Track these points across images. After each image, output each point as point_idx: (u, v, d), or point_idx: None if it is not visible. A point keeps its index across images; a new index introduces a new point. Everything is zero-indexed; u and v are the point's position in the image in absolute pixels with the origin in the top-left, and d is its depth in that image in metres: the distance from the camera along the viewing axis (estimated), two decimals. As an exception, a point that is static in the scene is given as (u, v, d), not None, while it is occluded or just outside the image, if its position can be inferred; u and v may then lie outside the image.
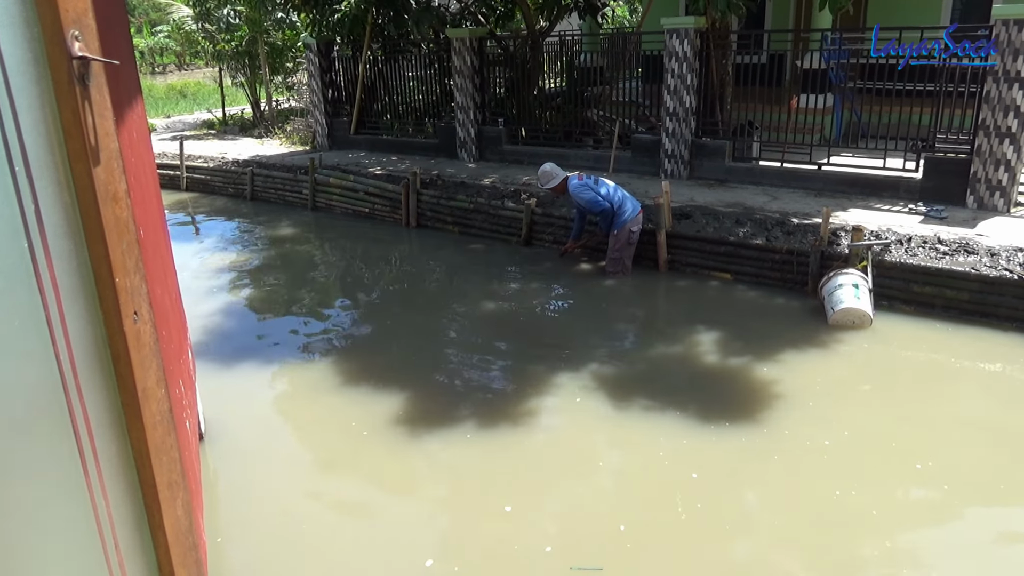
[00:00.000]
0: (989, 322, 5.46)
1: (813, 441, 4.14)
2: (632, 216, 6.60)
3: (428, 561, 3.30)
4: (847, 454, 4.02)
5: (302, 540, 3.47)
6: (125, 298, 1.74)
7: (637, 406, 4.58)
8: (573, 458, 4.13)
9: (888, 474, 3.84)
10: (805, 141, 8.17)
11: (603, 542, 3.37)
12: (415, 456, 4.18)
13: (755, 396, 4.62)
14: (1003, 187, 6.91)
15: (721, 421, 4.34)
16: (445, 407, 4.66)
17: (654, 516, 3.58)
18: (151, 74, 32.58)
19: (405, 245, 8.60)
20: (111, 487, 1.77)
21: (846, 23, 10.59)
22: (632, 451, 4.23)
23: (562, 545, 3.40)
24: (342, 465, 4.18)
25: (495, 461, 4.13)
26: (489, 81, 10.85)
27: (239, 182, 11.39)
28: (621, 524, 3.48)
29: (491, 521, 3.60)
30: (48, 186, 1.58)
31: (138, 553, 1.88)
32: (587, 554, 3.29)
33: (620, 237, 6.61)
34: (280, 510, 3.73)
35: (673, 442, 4.20)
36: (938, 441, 4.17)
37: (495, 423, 4.43)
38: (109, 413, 1.76)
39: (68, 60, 1.55)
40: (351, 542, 3.51)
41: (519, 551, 3.37)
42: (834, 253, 6.13)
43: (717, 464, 3.97)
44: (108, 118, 1.74)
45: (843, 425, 4.30)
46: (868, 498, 3.64)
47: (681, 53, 8.51)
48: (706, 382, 4.90)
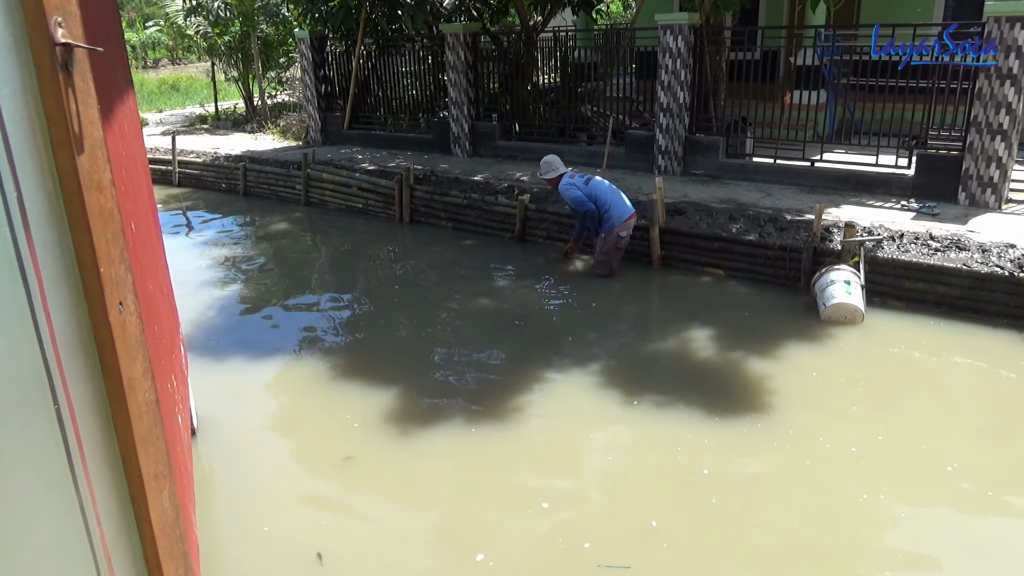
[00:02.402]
0: (980, 318, 5.48)
1: (806, 435, 4.15)
2: (619, 222, 6.50)
3: (421, 560, 3.29)
4: (839, 449, 4.03)
5: (295, 535, 3.46)
6: (110, 288, 1.72)
7: (633, 401, 4.58)
8: (575, 455, 4.14)
9: (880, 469, 3.85)
10: (798, 137, 8.19)
11: (631, 539, 3.37)
12: (409, 452, 4.17)
13: (749, 391, 4.63)
14: (995, 184, 6.94)
15: (716, 416, 4.35)
16: (439, 402, 4.66)
17: (673, 512, 3.58)
18: (143, 68, 32.42)
19: (398, 241, 8.58)
20: (96, 478, 1.76)
21: (839, 20, 10.60)
22: (634, 447, 4.23)
23: (577, 540, 3.40)
24: (335, 460, 4.17)
25: (487, 455, 4.13)
26: (483, 76, 10.83)
27: (232, 177, 11.34)
28: (653, 520, 3.48)
29: (490, 520, 3.60)
30: (31, 174, 1.56)
31: (124, 544, 1.86)
32: (617, 551, 3.29)
33: (608, 240, 6.57)
34: (273, 505, 3.72)
35: (672, 436, 4.21)
36: (928, 435, 4.19)
37: (489, 418, 4.43)
38: (94, 403, 1.75)
39: (51, 46, 1.53)
40: (345, 537, 3.50)
41: (518, 549, 3.37)
42: (826, 249, 6.15)
43: (719, 458, 3.97)
44: (92, 106, 1.72)
45: (835, 419, 4.31)
46: (865, 493, 3.65)
47: (675, 49, 8.51)
48: (700, 377, 4.90)
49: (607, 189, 6.65)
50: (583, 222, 6.95)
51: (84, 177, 1.63)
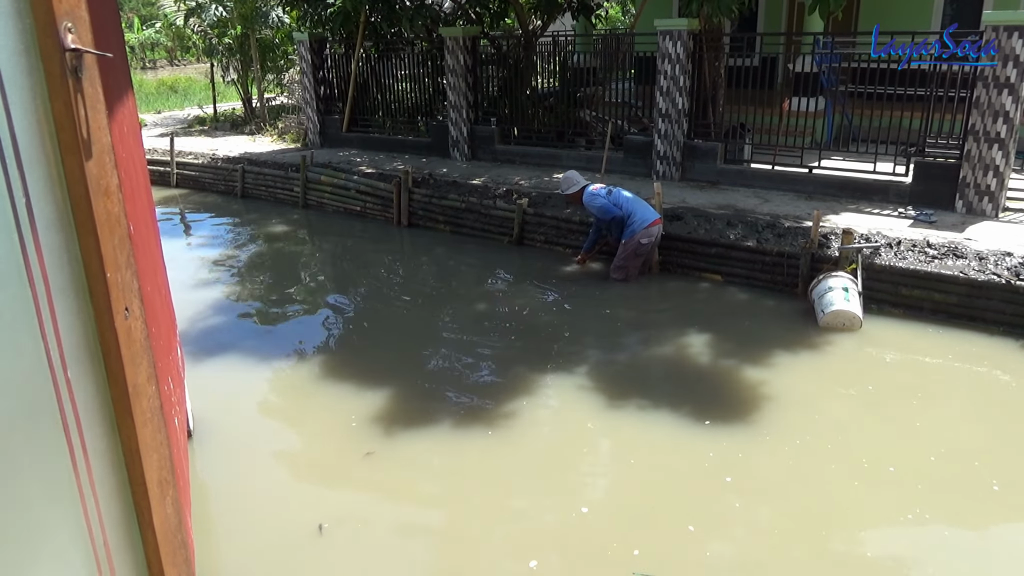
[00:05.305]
0: (976, 325, 5.50)
1: (804, 441, 4.16)
2: (641, 227, 6.56)
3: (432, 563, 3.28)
4: (838, 453, 4.04)
5: (290, 539, 3.45)
6: (116, 294, 1.72)
7: (632, 406, 4.58)
8: (569, 462, 4.13)
9: (877, 475, 3.86)
10: (797, 144, 8.20)
11: (670, 546, 3.38)
12: (409, 453, 4.16)
13: (748, 398, 4.63)
14: (992, 192, 6.97)
15: (714, 422, 4.35)
16: (438, 406, 4.65)
17: (702, 518, 3.59)
18: (142, 69, 32.36)
19: (396, 244, 8.57)
20: (100, 484, 1.75)
21: (838, 27, 10.65)
22: (636, 451, 4.23)
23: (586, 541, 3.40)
24: (331, 463, 4.16)
25: (482, 459, 4.12)
26: (482, 80, 10.83)
27: (230, 179, 11.32)
28: (690, 525, 3.49)
29: (481, 522, 3.60)
30: (39, 180, 1.56)
31: (127, 551, 1.86)
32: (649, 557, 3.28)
33: (628, 246, 6.62)
34: (268, 508, 3.71)
35: (665, 441, 4.21)
36: (925, 442, 4.20)
37: (484, 421, 4.43)
38: (99, 410, 1.75)
39: (61, 52, 1.53)
40: (341, 541, 3.49)
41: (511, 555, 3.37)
42: (824, 256, 6.16)
43: (720, 462, 3.98)
44: (101, 111, 1.73)
45: (833, 426, 4.32)
46: (862, 496, 3.66)
47: (674, 55, 8.53)
48: (697, 384, 4.91)
49: (629, 199, 6.73)
50: (598, 232, 6.98)
51: (92, 182, 1.63)
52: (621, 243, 6.68)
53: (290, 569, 3.28)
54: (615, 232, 6.75)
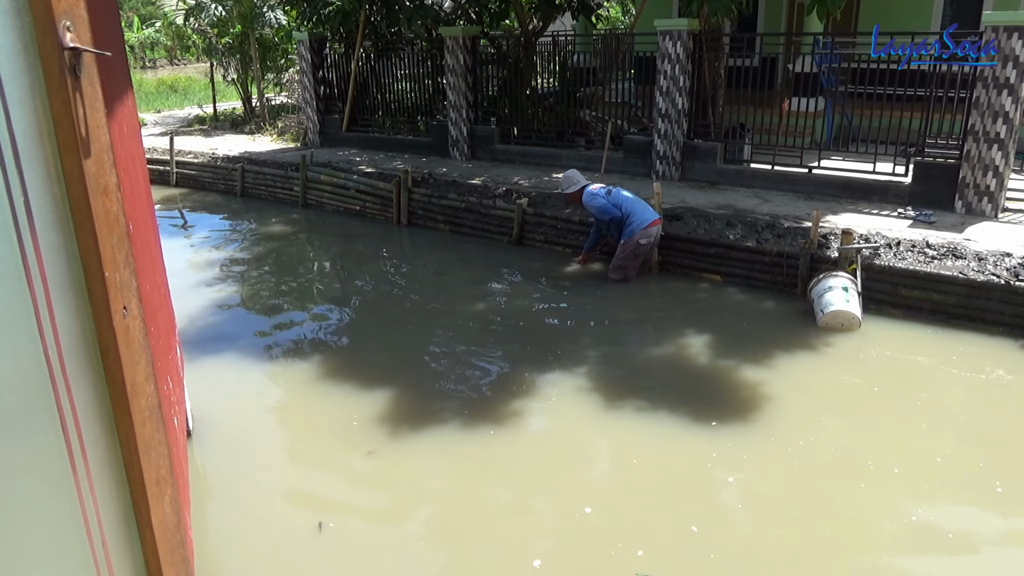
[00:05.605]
0: (976, 326, 5.50)
1: (807, 442, 4.16)
2: (640, 227, 6.55)
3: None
4: (841, 454, 4.04)
5: (290, 538, 3.45)
6: (115, 292, 1.72)
7: (632, 406, 4.58)
8: (579, 457, 4.13)
9: (877, 475, 3.86)
10: (796, 144, 8.20)
11: (674, 546, 3.38)
12: (409, 453, 4.16)
13: (748, 398, 4.63)
14: (991, 192, 6.97)
15: (716, 422, 4.35)
16: (438, 405, 4.65)
17: (711, 519, 3.59)
18: (141, 68, 32.35)
19: (396, 243, 8.57)
20: (99, 483, 1.75)
21: (838, 27, 10.65)
22: (636, 451, 4.23)
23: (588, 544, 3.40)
24: (331, 462, 4.16)
25: (483, 458, 4.12)
26: (482, 80, 10.83)
27: (229, 178, 11.32)
28: (693, 526, 3.48)
29: (480, 522, 3.59)
30: (38, 178, 1.56)
31: (125, 550, 1.86)
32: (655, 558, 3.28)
33: (627, 247, 6.61)
34: (268, 507, 3.70)
35: (661, 442, 4.21)
36: (924, 442, 4.20)
37: (485, 421, 4.43)
38: (97, 409, 1.74)
39: (59, 50, 1.53)
40: (341, 540, 3.49)
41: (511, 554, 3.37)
42: (823, 256, 6.16)
43: (720, 465, 3.98)
44: (99, 110, 1.73)
45: (834, 426, 4.32)
46: (867, 496, 3.66)
47: (673, 55, 8.53)
48: (697, 383, 4.91)
49: (629, 199, 6.72)
50: (599, 232, 6.98)
51: (90, 181, 1.63)
52: (620, 243, 6.69)
53: (289, 568, 3.28)
54: (614, 232, 6.76)
